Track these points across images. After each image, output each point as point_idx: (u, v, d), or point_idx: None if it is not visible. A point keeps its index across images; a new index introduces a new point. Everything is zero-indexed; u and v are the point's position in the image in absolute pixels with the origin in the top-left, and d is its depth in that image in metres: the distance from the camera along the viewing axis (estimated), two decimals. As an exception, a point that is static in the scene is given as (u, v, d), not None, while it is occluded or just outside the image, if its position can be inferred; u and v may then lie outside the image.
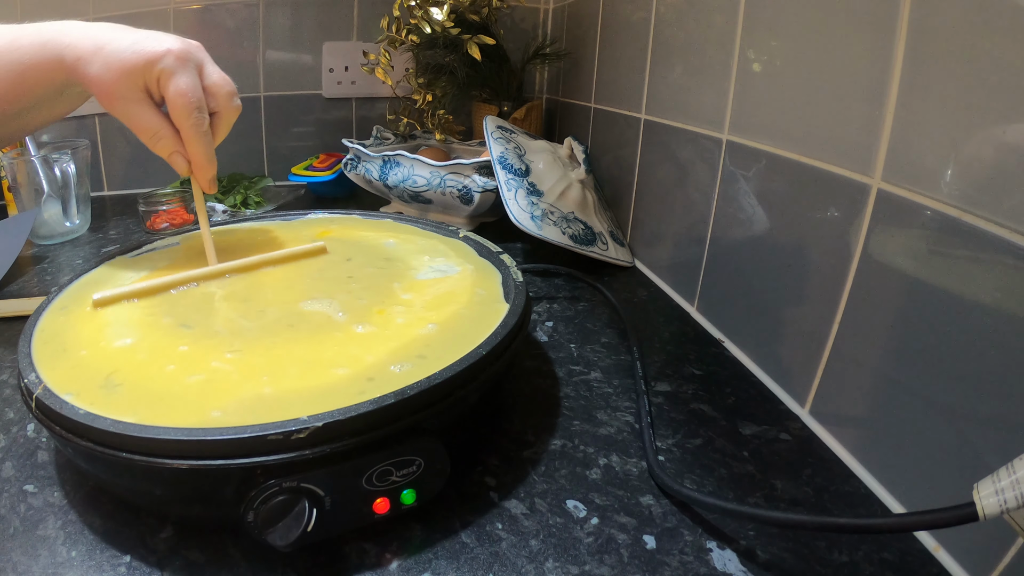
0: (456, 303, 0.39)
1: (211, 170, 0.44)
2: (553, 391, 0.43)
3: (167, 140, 0.41)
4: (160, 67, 0.39)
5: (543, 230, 0.62)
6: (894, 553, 0.30)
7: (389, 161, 0.73)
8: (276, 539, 0.26)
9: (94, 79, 0.39)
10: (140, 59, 0.39)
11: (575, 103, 0.91)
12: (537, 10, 1.05)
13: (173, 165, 0.43)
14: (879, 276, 0.34)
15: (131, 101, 0.40)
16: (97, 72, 0.39)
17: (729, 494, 0.34)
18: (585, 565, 0.29)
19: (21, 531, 0.30)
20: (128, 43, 0.39)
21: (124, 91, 0.39)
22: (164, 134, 0.41)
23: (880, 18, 0.33)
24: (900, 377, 0.33)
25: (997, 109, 0.27)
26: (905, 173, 0.32)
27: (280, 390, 0.30)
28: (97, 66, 0.39)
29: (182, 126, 0.41)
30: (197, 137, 0.41)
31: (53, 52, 0.40)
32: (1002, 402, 0.27)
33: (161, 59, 0.39)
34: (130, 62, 0.39)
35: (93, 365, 0.32)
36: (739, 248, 0.49)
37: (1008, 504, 0.20)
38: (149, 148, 0.42)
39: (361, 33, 0.99)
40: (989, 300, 0.27)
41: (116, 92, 0.39)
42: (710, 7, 0.51)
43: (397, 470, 0.29)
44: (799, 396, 0.41)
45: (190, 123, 0.40)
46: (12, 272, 0.62)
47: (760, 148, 0.45)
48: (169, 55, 0.39)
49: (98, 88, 0.39)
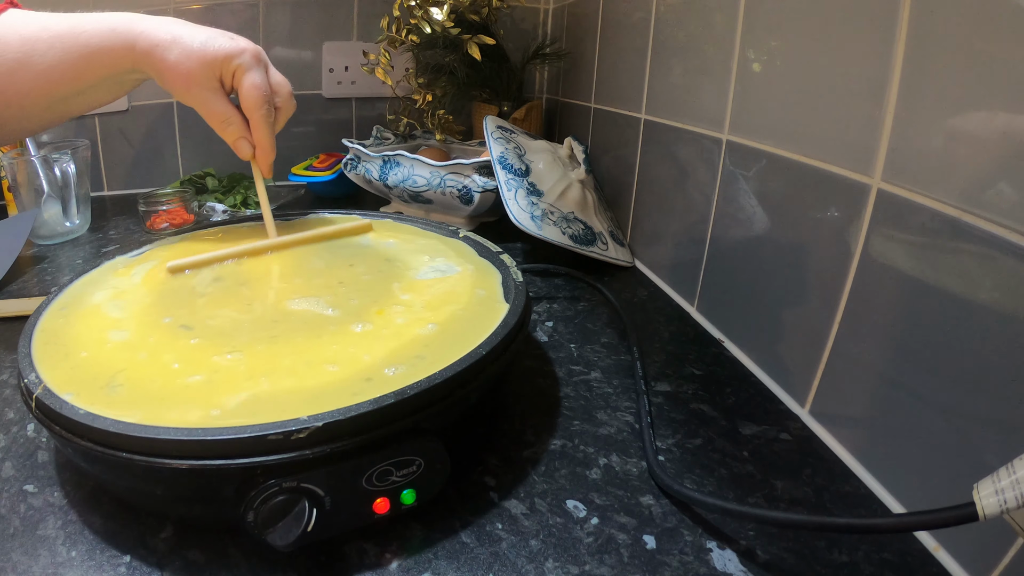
0: (456, 303, 0.39)
1: (273, 155, 0.49)
2: (553, 391, 0.43)
3: (237, 126, 0.46)
4: (238, 62, 0.44)
5: (543, 230, 0.62)
6: (894, 553, 0.30)
7: (389, 161, 0.73)
8: (276, 539, 0.26)
9: (172, 65, 0.43)
10: (221, 52, 0.44)
11: (575, 103, 0.91)
12: (537, 10, 1.05)
13: (237, 150, 0.47)
14: (879, 276, 0.34)
15: (208, 89, 0.44)
16: (176, 59, 0.43)
17: (729, 494, 0.34)
18: (585, 565, 0.29)
19: (21, 531, 0.30)
20: (204, 37, 0.44)
21: (203, 79, 0.44)
22: (235, 120, 0.46)
23: (880, 18, 0.33)
24: (900, 377, 0.33)
25: (997, 109, 0.27)
26: (905, 173, 0.32)
27: (280, 390, 0.30)
28: (176, 54, 0.43)
29: (252, 115, 0.46)
30: (265, 125, 0.46)
31: (124, 38, 0.43)
32: (1002, 402, 0.27)
33: (239, 55, 0.44)
34: (211, 54, 0.43)
35: (93, 365, 0.32)
36: (739, 248, 0.49)
37: (1008, 504, 0.20)
38: (217, 131, 0.47)
39: (361, 33, 0.99)
40: (989, 300, 0.27)
41: (195, 79, 0.43)
42: (710, 7, 0.51)
43: (397, 470, 0.29)
44: (799, 396, 0.41)
45: (261, 113, 0.46)
46: (12, 272, 0.62)
47: (760, 148, 0.45)
48: (246, 53, 0.45)
49: (176, 74, 0.43)
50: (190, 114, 0.54)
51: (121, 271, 0.43)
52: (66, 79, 0.44)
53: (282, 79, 0.48)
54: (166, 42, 0.43)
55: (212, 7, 0.92)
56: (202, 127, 0.47)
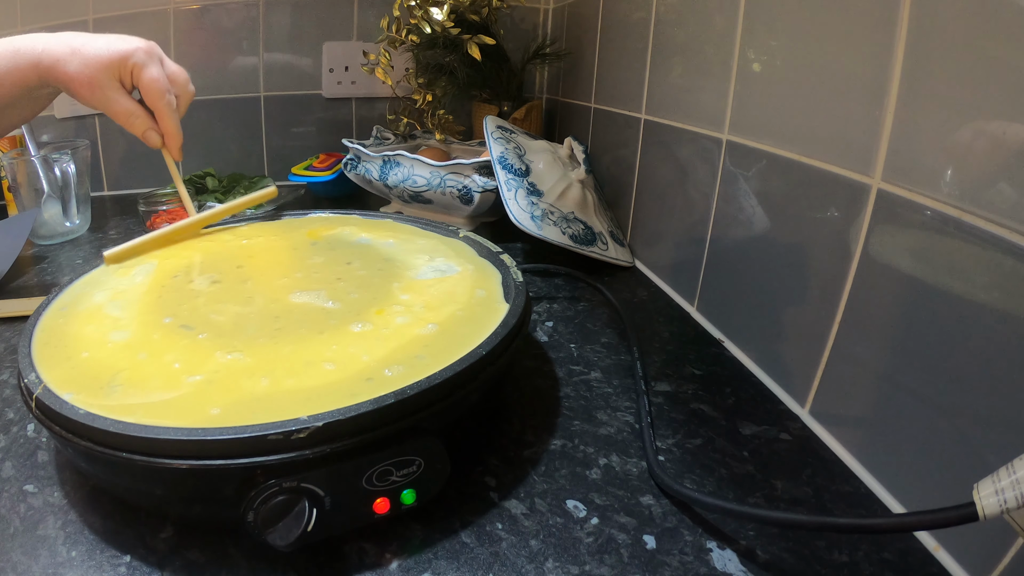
0: (456, 303, 0.39)
1: (180, 139, 0.52)
2: (553, 391, 0.43)
3: (142, 118, 0.50)
4: (133, 60, 0.48)
5: (543, 230, 0.62)
6: (894, 553, 0.30)
7: (389, 161, 0.73)
8: (276, 539, 0.26)
9: (74, 75, 0.47)
10: (116, 55, 0.48)
11: (575, 103, 0.91)
12: (537, 10, 1.05)
13: (147, 140, 0.51)
14: (879, 276, 0.34)
15: (110, 89, 0.48)
16: (77, 69, 0.46)
17: (729, 494, 0.34)
18: (585, 565, 0.29)
19: (21, 531, 0.30)
20: (101, 44, 0.48)
21: (104, 82, 0.47)
22: (139, 113, 0.50)
23: (880, 18, 0.33)
24: (900, 377, 0.33)
25: (997, 109, 0.27)
26: (905, 173, 0.32)
27: (280, 390, 0.30)
28: (76, 64, 0.46)
29: (156, 106, 0.50)
30: (169, 113, 0.50)
31: (28, 58, 0.47)
32: (1002, 402, 0.27)
33: (133, 54, 0.48)
34: (107, 58, 0.47)
35: (93, 365, 0.32)
36: (739, 248, 0.49)
37: (1008, 504, 0.20)
38: (125, 127, 0.50)
39: (361, 33, 0.99)
40: (989, 300, 0.27)
41: (97, 82, 0.47)
42: (710, 7, 0.51)
43: (397, 470, 0.29)
44: (799, 396, 0.41)
45: (164, 102, 0.50)
46: (12, 272, 0.62)
47: (760, 148, 0.45)
48: (139, 51, 0.49)
49: (79, 82, 0.47)
50: (190, 114, 0.55)
51: (121, 271, 0.43)
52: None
53: (177, 68, 0.52)
54: (66, 55, 0.46)
55: (212, 7, 0.92)
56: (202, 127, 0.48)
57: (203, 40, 0.94)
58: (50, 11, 0.86)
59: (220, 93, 0.95)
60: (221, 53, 0.95)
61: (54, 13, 0.86)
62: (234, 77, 0.96)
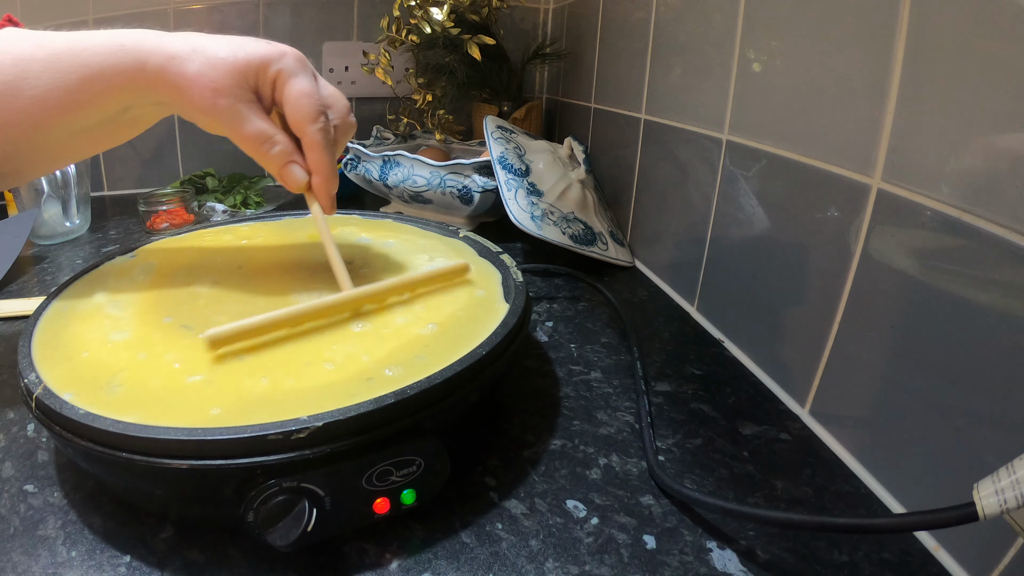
0: (456, 303, 0.39)
1: (336, 184, 0.38)
2: (553, 391, 0.43)
3: (284, 146, 0.36)
4: (278, 67, 0.35)
5: (543, 230, 0.62)
6: (894, 553, 0.30)
7: (389, 161, 0.73)
8: (276, 539, 0.26)
9: (194, 77, 0.34)
10: (255, 57, 0.35)
11: (575, 103, 0.91)
12: (537, 10, 1.05)
13: (287, 178, 0.37)
14: (879, 276, 0.34)
15: (241, 100, 0.34)
16: (199, 69, 0.34)
17: (729, 494, 0.34)
18: (585, 565, 0.29)
19: (21, 531, 0.30)
20: (232, 45, 0.35)
21: (233, 88, 0.34)
22: (280, 139, 0.36)
23: (880, 18, 0.33)
24: (900, 377, 0.33)
25: (997, 109, 0.27)
26: (905, 173, 0.32)
27: (280, 390, 0.30)
28: (198, 64, 0.34)
29: (305, 131, 0.36)
30: (324, 144, 0.36)
31: (134, 55, 0.34)
32: (1002, 402, 0.27)
33: (280, 59, 0.35)
34: (243, 59, 0.34)
35: (93, 365, 0.32)
36: (739, 248, 0.49)
37: (1008, 504, 0.20)
38: (255, 158, 0.36)
39: (361, 33, 0.99)
40: (989, 300, 0.27)
41: (223, 90, 0.34)
42: (710, 7, 0.51)
43: (397, 470, 0.29)
44: (799, 396, 0.41)
45: (316, 127, 0.36)
46: (12, 272, 0.62)
47: (760, 148, 0.45)
48: (287, 56, 0.36)
49: (200, 86, 0.34)
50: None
51: (121, 271, 0.43)
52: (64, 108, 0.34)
53: (335, 91, 0.38)
54: (184, 52, 0.34)
55: (213, 7, 0.92)
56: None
57: (203, 40, 0.93)
58: (50, 11, 0.86)
59: (220, 93, 0.95)
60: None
61: (54, 13, 0.86)
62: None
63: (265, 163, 0.36)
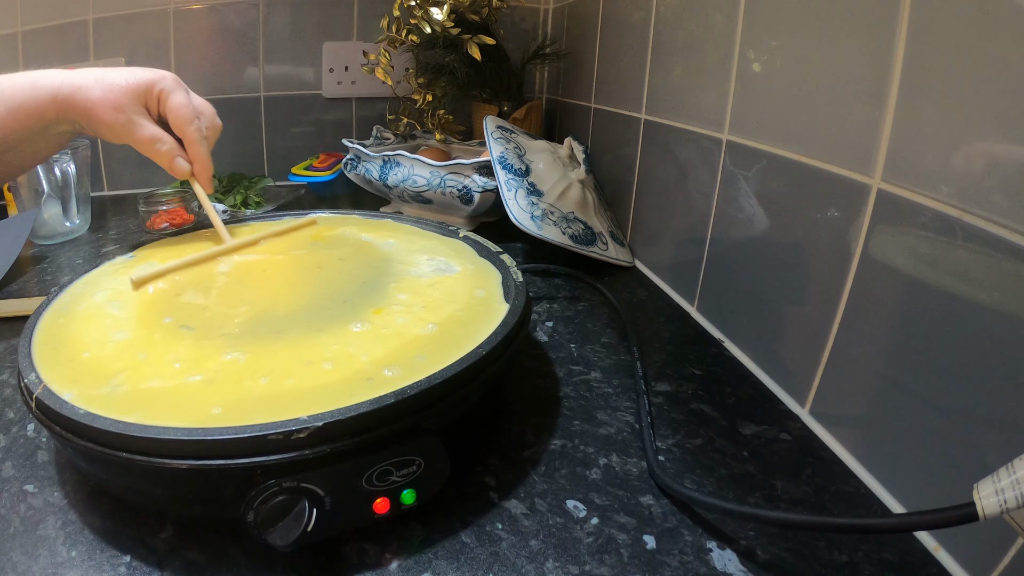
0: (456, 303, 0.39)
1: (211, 170, 0.50)
2: (553, 391, 0.43)
3: (171, 145, 0.47)
4: (161, 87, 0.47)
5: (543, 230, 0.62)
6: (894, 553, 0.30)
7: (389, 161, 0.73)
8: (276, 539, 0.26)
9: (98, 100, 0.44)
10: (143, 81, 0.46)
11: (575, 103, 0.91)
12: (537, 10, 1.05)
13: (174, 169, 0.48)
14: (879, 276, 0.34)
15: (136, 113, 0.46)
16: (100, 94, 0.44)
17: (729, 494, 0.34)
18: (585, 565, 0.29)
19: (21, 531, 0.30)
20: (125, 72, 0.46)
21: (130, 105, 0.45)
22: (167, 140, 0.47)
23: (880, 18, 0.33)
24: (900, 377, 0.33)
25: (997, 109, 0.27)
26: (905, 173, 0.32)
27: (280, 390, 0.30)
28: (99, 90, 0.44)
29: (185, 132, 0.47)
30: (199, 140, 0.48)
31: (46, 89, 0.44)
32: (1002, 402, 0.27)
33: (161, 80, 0.47)
34: (134, 83, 0.46)
35: (93, 365, 0.32)
36: (739, 248, 0.49)
37: (1008, 504, 0.20)
38: (150, 156, 0.47)
39: (361, 33, 0.99)
40: (989, 300, 0.27)
41: (121, 106, 0.45)
42: (710, 7, 0.51)
43: (397, 470, 0.29)
44: (799, 396, 0.41)
45: (193, 128, 0.47)
46: (12, 272, 0.62)
47: (760, 148, 0.45)
48: (166, 78, 0.47)
49: (102, 106, 0.44)
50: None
51: (121, 271, 0.43)
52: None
53: (204, 101, 0.50)
54: (88, 83, 0.44)
55: (212, 7, 0.92)
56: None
57: (203, 40, 0.94)
58: (50, 11, 0.86)
59: (220, 93, 0.95)
60: (221, 53, 0.95)
61: (54, 13, 0.86)
62: (234, 77, 0.96)
63: (157, 158, 0.47)
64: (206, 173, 0.50)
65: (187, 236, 0.51)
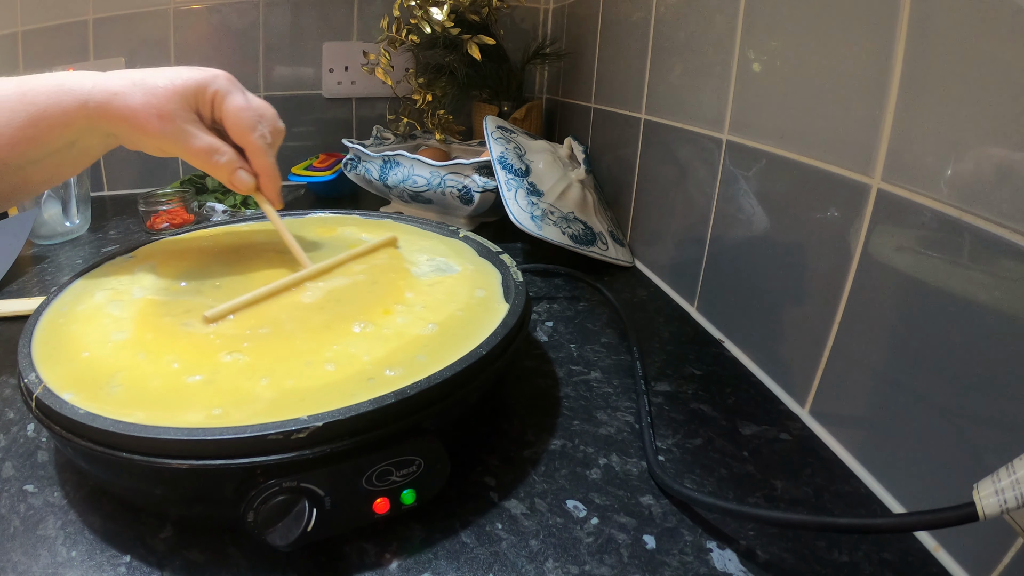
0: (456, 303, 0.39)
1: (279, 181, 0.43)
2: (553, 391, 0.43)
3: (231, 155, 0.41)
4: (215, 88, 0.40)
5: (543, 230, 0.62)
6: (894, 553, 0.30)
7: (389, 161, 0.73)
8: (276, 539, 0.26)
9: (140, 108, 0.38)
10: (192, 82, 0.39)
11: (575, 103, 0.91)
12: (537, 10, 1.05)
13: (235, 184, 0.42)
14: (879, 276, 0.34)
15: (186, 121, 0.39)
16: (143, 100, 0.38)
17: (729, 494, 0.34)
18: (585, 565, 0.29)
19: (21, 531, 0.30)
20: (169, 74, 0.39)
21: (177, 111, 0.38)
22: (226, 150, 0.40)
23: (880, 18, 0.33)
24: (900, 377, 0.33)
25: (997, 108, 0.27)
26: (905, 173, 0.32)
27: (280, 390, 0.30)
28: (140, 96, 0.38)
29: (247, 140, 0.41)
30: (264, 148, 0.41)
31: (74, 95, 0.37)
32: (1002, 402, 0.27)
33: (214, 80, 0.40)
34: (181, 85, 0.39)
35: (93, 365, 0.32)
36: (739, 248, 0.49)
37: (1008, 504, 0.20)
38: (206, 169, 0.41)
39: (361, 33, 0.99)
40: (989, 300, 0.27)
41: (167, 113, 0.38)
42: (710, 7, 0.51)
43: (397, 470, 0.29)
44: (799, 396, 0.41)
45: (256, 135, 0.41)
46: (12, 272, 0.62)
47: (760, 148, 0.45)
48: (220, 77, 0.40)
49: (146, 115, 0.38)
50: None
51: (121, 271, 0.43)
52: (14, 145, 0.38)
53: (263, 102, 0.43)
54: (125, 88, 0.38)
55: (212, 7, 0.92)
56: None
57: (203, 40, 0.94)
58: (50, 11, 0.86)
59: (220, 93, 0.95)
60: (221, 53, 0.95)
61: (54, 13, 0.86)
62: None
63: (215, 172, 0.41)
64: (274, 186, 0.43)
65: (189, 236, 0.51)
